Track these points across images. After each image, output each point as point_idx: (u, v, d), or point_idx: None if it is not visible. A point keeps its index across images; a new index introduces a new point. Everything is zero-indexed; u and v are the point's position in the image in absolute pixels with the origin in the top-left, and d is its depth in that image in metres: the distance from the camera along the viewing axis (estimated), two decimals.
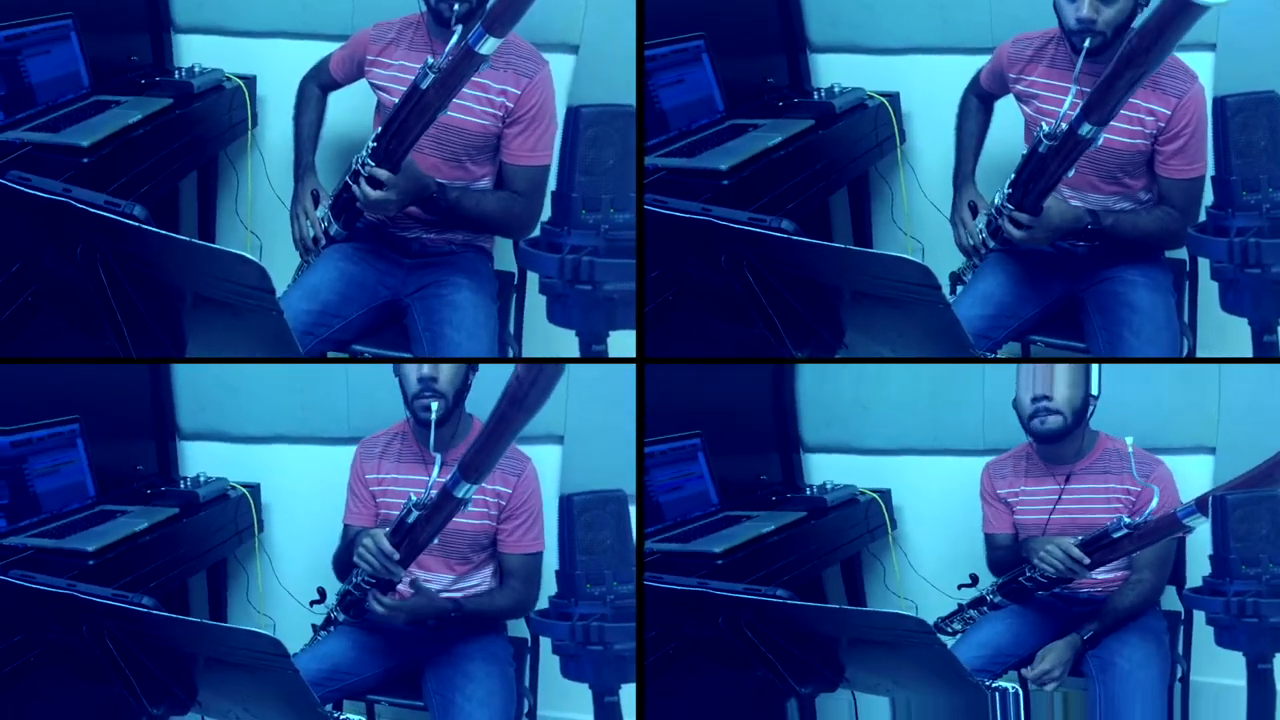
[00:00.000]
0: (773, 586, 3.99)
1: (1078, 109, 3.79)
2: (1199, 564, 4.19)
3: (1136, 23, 3.91)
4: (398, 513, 3.99)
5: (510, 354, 4.42)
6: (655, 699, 4.07)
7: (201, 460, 4.85)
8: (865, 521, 4.71)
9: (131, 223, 3.90)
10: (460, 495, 3.80)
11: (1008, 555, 4.28)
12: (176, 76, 4.59)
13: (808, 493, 4.68)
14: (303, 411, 4.77)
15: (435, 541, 3.98)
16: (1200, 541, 4.17)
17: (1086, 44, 3.94)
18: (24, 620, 4.02)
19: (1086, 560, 3.99)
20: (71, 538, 4.33)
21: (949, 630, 4.31)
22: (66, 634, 3.95)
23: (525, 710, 4.37)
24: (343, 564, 4.28)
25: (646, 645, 4.05)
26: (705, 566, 4.13)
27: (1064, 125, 3.83)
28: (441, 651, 4.25)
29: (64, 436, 4.55)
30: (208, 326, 3.96)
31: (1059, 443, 4.20)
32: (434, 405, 4.10)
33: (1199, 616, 4.26)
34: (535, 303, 4.30)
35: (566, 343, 4.19)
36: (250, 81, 4.65)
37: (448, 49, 3.83)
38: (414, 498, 3.90)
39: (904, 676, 3.84)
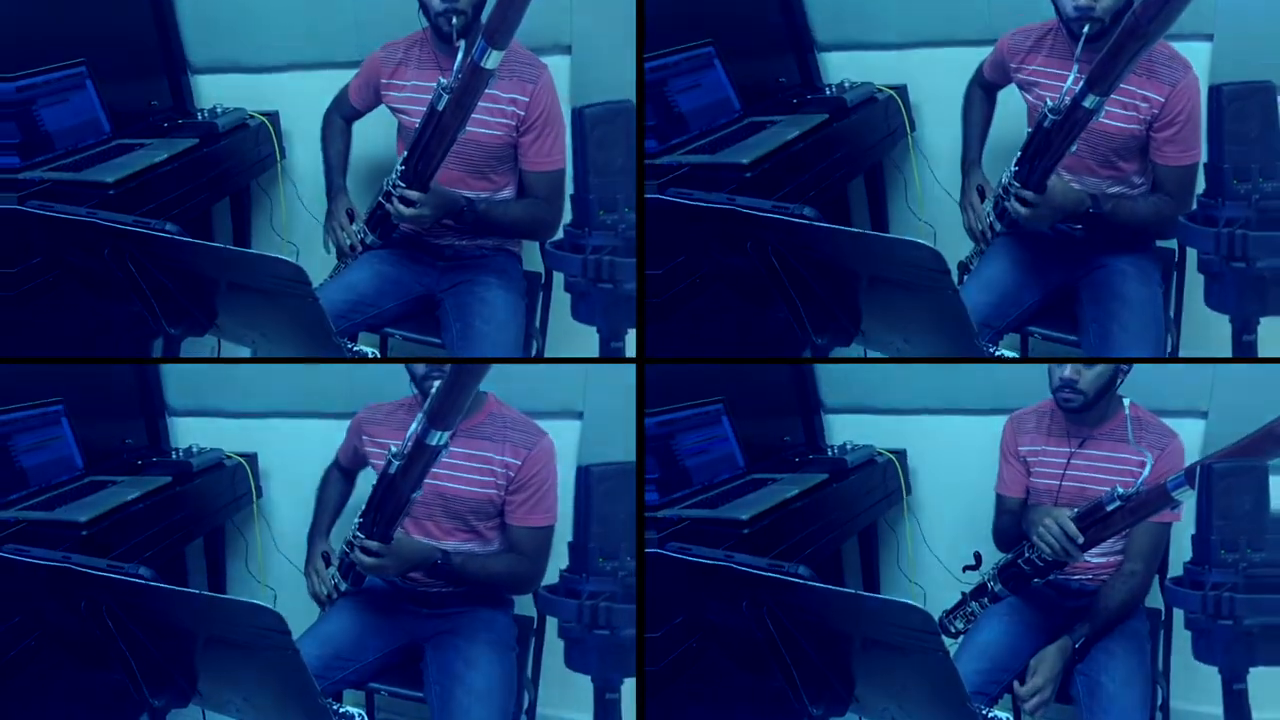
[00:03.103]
0: (794, 563, 3.99)
1: (1080, 84, 3.92)
2: (1183, 548, 4.21)
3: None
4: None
5: (534, 347, 4.52)
6: (666, 702, 4.07)
7: (193, 435, 4.79)
8: (883, 484, 4.75)
9: (162, 234, 4.00)
10: (432, 443, 3.81)
11: (1013, 523, 4.33)
12: (200, 118, 4.69)
13: (829, 453, 4.73)
14: (302, 392, 4.73)
15: (418, 494, 3.96)
16: (1186, 524, 4.21)
17: (1085, 30, 4.06)
18: (20, 598, 3.98)
19: (1081, 539, 4.02)
20: (62, 509, 4.26)
21: (952, 630, 4.34)
22: (64, 612, 3.90)
23: (525, 706, 4.31)
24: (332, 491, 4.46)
25: (669, 634, 4.04)
26: (732, 536, 4.13)
27: (1067, 99, 3.96)
28: (444, 630, 4.23)
29: (48, 416, 4.50)
30: (241, 307, 4.06)
31: (1081, 414, 4.28)
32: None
33: (1178, 621, 4.27)
34: (561, 299, 4.43)
35: (586, 337, 4.30)
36: (274, 117, 4.74)
37: (455, 68, 4.00)
38: (394, 448, 3.90)
39: (908, 696, 3.85)
